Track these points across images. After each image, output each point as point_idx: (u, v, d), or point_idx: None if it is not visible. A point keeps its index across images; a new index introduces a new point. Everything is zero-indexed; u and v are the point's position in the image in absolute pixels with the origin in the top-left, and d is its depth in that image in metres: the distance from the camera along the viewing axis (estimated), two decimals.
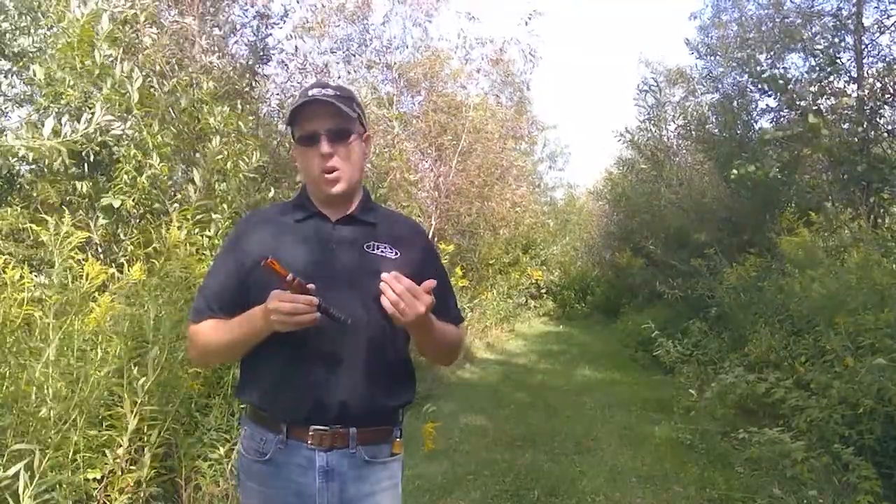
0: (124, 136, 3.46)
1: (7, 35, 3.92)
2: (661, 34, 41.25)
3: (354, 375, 1.38)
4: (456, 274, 9.62)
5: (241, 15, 5.41)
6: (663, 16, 47.80)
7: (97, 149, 3.48)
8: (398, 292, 1.26)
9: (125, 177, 3.49)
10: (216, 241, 3.52)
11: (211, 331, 1.42)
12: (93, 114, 3.04)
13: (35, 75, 3.48)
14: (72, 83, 3.56)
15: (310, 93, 1.41)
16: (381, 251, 1.45)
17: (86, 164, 3.74)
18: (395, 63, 9.87)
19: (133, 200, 3.50)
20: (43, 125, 2.79)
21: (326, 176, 1.41)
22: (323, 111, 1.39)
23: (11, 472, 2.02)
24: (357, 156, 1.47)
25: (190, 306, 1.56)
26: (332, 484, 1.38)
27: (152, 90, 3.83)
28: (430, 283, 1.29)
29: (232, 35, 5.35)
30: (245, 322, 1.34)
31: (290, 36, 6.28)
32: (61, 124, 2.78)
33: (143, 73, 3.63)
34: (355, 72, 8.59)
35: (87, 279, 2.53)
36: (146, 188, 3.52)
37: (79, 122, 2.88)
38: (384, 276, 1.28)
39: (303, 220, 1.47)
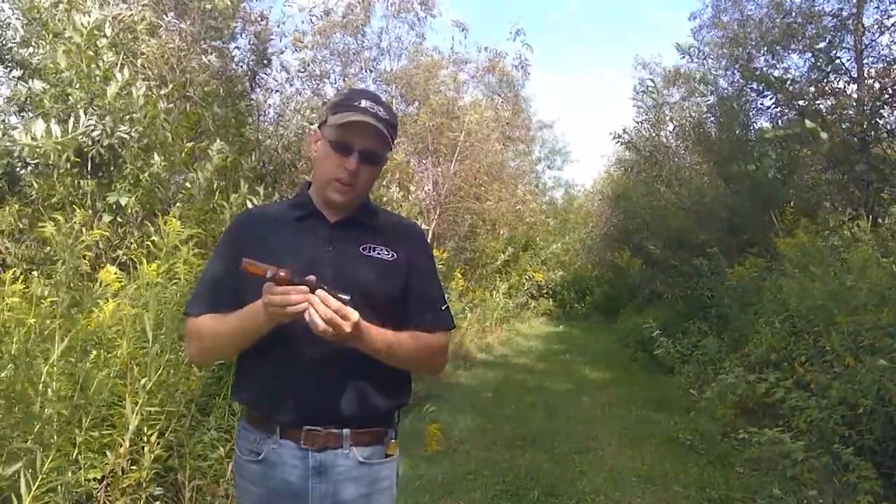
0: (130, 139, 3.48)
1: (13, 47, 3.94)
2: (662, 33, 41.28)
3: (348, 376, 1.38)
4: (455, 277, 9.65)
5: (241, 19, 5.41)
6: (664, 14, 47.84)
7: (102, 150, 3.50)
8: (326, 317, 1.22)
9: (130, 178, 3.50)
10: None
11: (212, 326, 1.41)
12: (99, 116, 3.05)
13: (51, 73, 3.50)
14: (77, 85, 3.57)
15: (362, 103, 1.40)
16: (378, 253, 1.45)
17: (89, 164, 3.74)
18: (390, 69, 9.93)
19: (136, 199, 3.51)
20: (49, 126, 2.80)
21: (339, 185, 1.42)
22: (367, 130, 1.39)
23: (11, 471, 2.03)
24: (375, 177, 1.50)
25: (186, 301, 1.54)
26: (325, 485, 1.38)
27: (151, 93, 3.84)
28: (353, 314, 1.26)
29: (232, 40, 5.36)
30: (247, 316, 1.33)
31: (293, 44, 6.29)
32: (78, 124, 2.78)
33: (143, 77, 3.65)
34: (353, 77, 8.60)
35: (101, 286, 2.53)
36: (148, 186, 3.53)
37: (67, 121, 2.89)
38: (311, 297, 1.22)
39: (302, 219, 1.47)
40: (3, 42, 3.95)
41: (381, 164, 1.49)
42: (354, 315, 1.25)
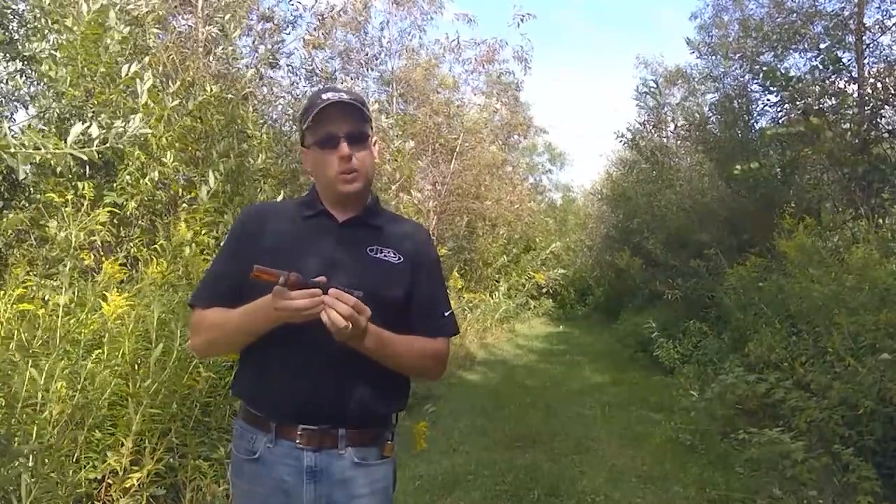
0: (129, 136, 3.45)
1: (19, 40, 3.92)
2: (661, 34, 41.26)
3: (346, 377, 1.38)
4: (453, 277, 9.66)
5: (247, 18, 5.41)
6: (663, 15, 47.84)
7: (102, 149, 3.48)
8: (345, 314, 1.22)
9: (127, 177, 3.49)
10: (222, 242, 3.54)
11: (215, 320, 1.41)
12: (95, 113, 3.03)
13: (46, 71, 3.49)
14: (73, 82, 3.56)
15: (324, 96, 1.42)
16: (384, 255, 1.45)
17: (87, 165, 3.74)
18: (391, 68, 9.94)
19: (136, 202, 3.50)
20: (49, 126, 2.79)
21: (344, 176, 1.42)
22: (341, 115, 1.40)
23: (10, 472, 2.02)
24: (371, 158, 1.49)
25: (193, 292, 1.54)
26: (319, 485, 1.38)
27: (157, 91, 3.83)
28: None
29: (239, 39, 5.35)
30: (251, 314, 1.33)
31: (305, 48, 6.28)
32: (90, 127, 2.76)
33: (151, 73, 3.62)
34: (356, 77, 8.61)
35: (104, 277, 2.53)
36: (149, 190, 3.52)
37: (82, 122, 2.87)
38: (326, 298, 1.23)
39: (310, 218, 1.48)
40: (7, 32, 3.93)
41: (370, 141, 1.47)
42: (368, 310, 1.26)
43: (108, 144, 2.67)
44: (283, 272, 1.23)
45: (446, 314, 1.53)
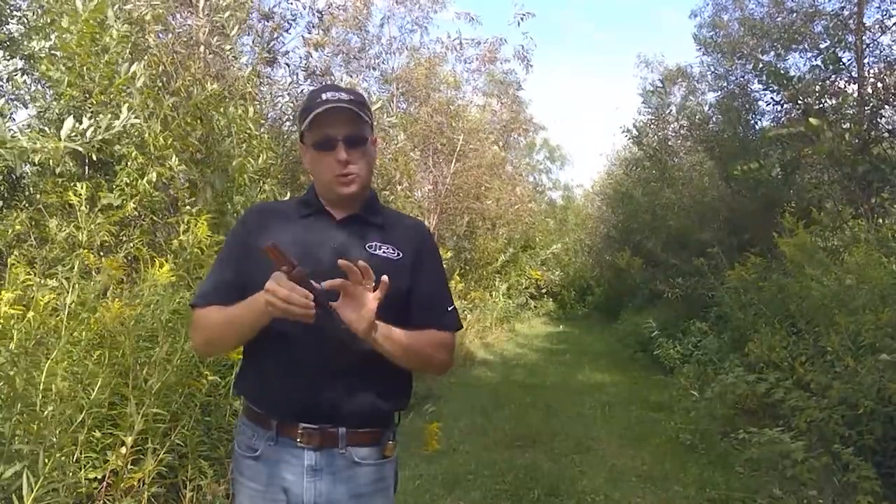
0: (125, 134, 3.44)
1: (21, 39, 3.92)
2: (661, 34, 41.26)
3: (347, 376, 1.37)
4: (454, 279, 9.67)
5: (247, 17, 5.40)
6: (663, 15, 47.83)
7: (99, 145, 3.47)
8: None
9: (125, 178, 3.49)
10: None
11: (214, 317, 1.42)
12: (94, 112, 3.03)
13: (46, 71, 3.48)
14: (71, 82, 3.55)
15: (324, 96, 1.41)
16: (384, 251, 1.45)
17: (86, 165, 3.74)
18: (392, 67, 9.94)
19: (134, 203, 3.50)
20: (49, 126, 2.79)
21: (341, 179, 1.42)
22: (340, 117, 1.40)
23: (11, 472, 2.02)
24: (370, 159, 1.49)
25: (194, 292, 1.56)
26: (319, 483, 1.38)
27: (157, 90, 3.82)
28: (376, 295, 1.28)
29: (239, 38, 5.34)
30: (247, 307, 1.33)
31: (302, 44, 6.27)
32: (81, 123, 2.76)
33: (148, 73, 3.61)
34: (356, 75, 8.59)
35: (104, 275, 2.53)
36: (148, 191, 3.51)
37: (80, 121, 2.86)
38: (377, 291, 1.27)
39: (307, 216, 1.48)
40: (7, 31, 3.93)
41: (368, 143, 1.47)
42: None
43: (100, 136, 2.67)
44: (292, 261, 1.21)
45: (449, 309, 1.52)
